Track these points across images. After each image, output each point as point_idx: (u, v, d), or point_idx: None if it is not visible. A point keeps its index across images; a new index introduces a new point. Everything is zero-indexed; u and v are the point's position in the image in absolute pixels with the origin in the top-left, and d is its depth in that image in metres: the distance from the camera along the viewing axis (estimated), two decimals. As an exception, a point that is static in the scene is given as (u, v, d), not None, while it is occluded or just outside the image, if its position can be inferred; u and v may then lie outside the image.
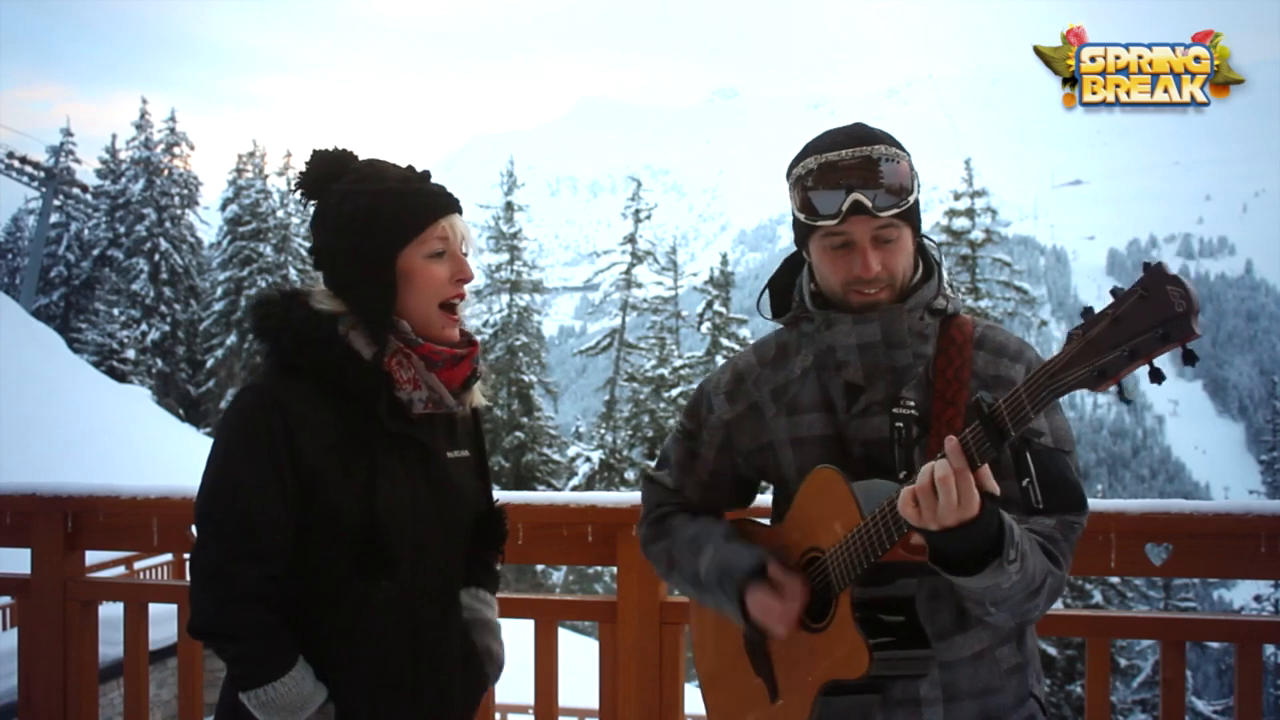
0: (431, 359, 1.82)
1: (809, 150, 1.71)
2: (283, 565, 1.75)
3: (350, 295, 1.80)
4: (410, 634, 1.84)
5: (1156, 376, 1.30)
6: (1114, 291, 1.31)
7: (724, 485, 1.93)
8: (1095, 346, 1.31)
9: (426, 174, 1.88)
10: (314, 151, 1.87)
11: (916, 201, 1.69)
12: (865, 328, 1.70)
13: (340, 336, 1.77)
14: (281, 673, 1.70)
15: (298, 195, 1.89)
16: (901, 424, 1.68)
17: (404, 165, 1.88)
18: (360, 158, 1.88)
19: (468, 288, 1.89)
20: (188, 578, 1.83)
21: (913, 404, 1.69)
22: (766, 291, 1.89)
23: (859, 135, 1.69)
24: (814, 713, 1.66)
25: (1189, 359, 1.27)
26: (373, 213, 1.78)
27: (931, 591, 1.68)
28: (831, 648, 1.65)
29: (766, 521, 1.92)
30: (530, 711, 7.94)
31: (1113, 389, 1.34)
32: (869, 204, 1.63)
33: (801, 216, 1.71)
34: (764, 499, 2.05)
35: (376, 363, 1.77)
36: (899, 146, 1.69)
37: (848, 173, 1.64)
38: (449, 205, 1.85)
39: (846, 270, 1.70)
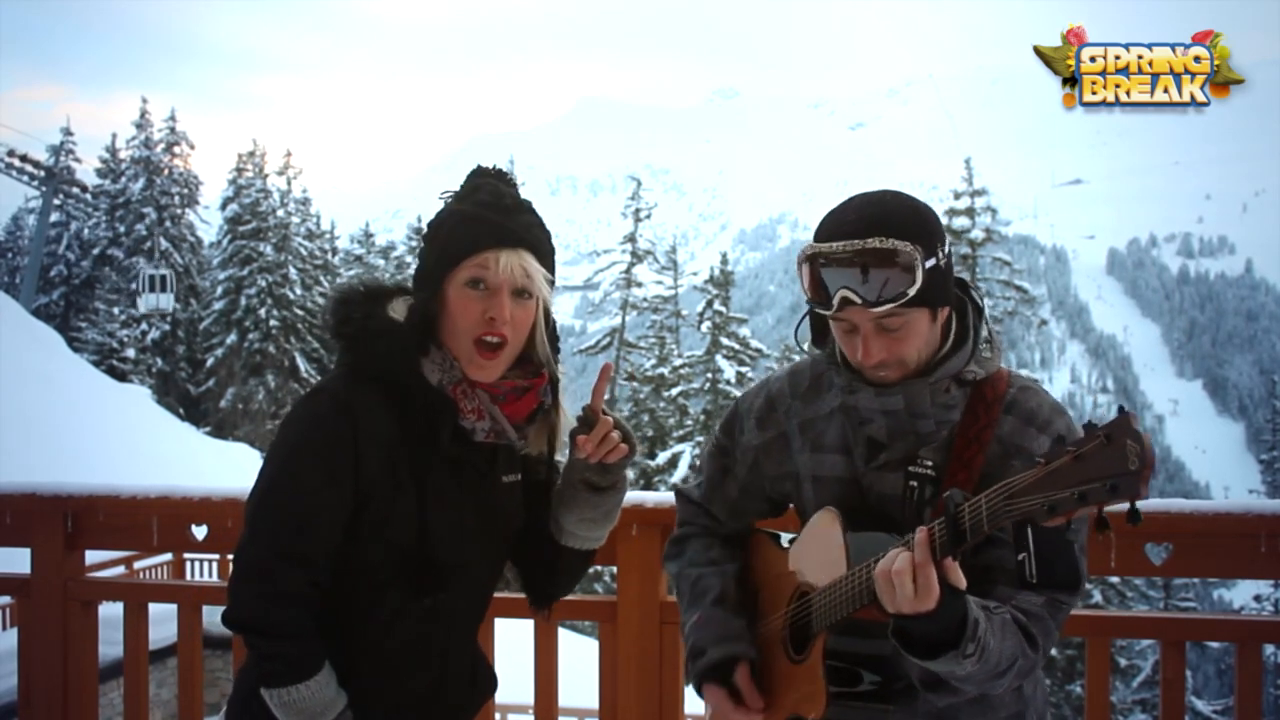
0: (493, 392, 1.78)
1: (821, 227, 1.66)
2: (328, 571, 1.74)
3: (412, 307, 1.79)
4: (441, 651, 1.85)
5: (1102, 525, 1.28)
6: (1087, 426, 1.29)
7: (754, 501, 1.95)
8: (1053, 479, 1.29)
9: (516, 205, 1.78)
10: (477, 166, 1.85)
11: (930, 284, 1.59)
12: (888, 399, 1.68)
13: (413, 356, 1.76)
14: (308, 676, 1.70)
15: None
16: (915, 483, 1.66)
17: (514, 194, 1.80)
18: (515, 181, 1.84)
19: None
20: (223, 573, 1.81)
21: (930, 464, 1.66)
22: (806, 319, 1.81)
23: (862, 222, 1.60)
24: None
25: (1132, 517, 1.25)
26: (438, 230, 1.78)
27: None
28: (800, 682, 1.70)
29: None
30: (530, 711, 7.92)
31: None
32: (857, 301, 1.58)
33: (806, 297, 1.67)
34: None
35: (442, 389, 1.75)
36: (907, 233, 1.58)
37: (842, 264, 1.59)
38: (503, 238, 1.74)
39: (853, 353, 1.66)
